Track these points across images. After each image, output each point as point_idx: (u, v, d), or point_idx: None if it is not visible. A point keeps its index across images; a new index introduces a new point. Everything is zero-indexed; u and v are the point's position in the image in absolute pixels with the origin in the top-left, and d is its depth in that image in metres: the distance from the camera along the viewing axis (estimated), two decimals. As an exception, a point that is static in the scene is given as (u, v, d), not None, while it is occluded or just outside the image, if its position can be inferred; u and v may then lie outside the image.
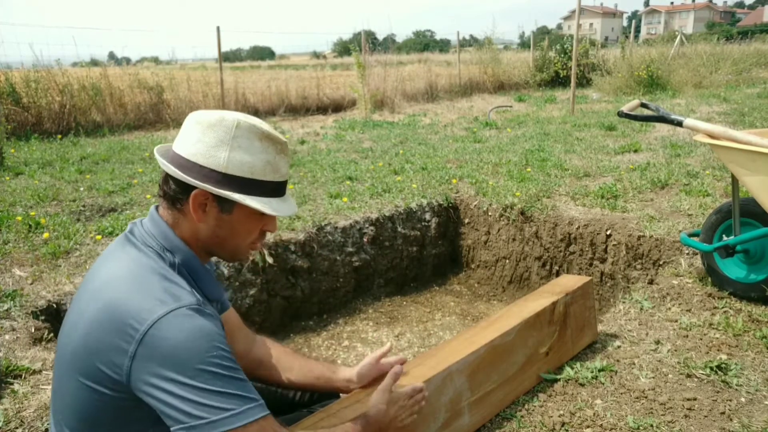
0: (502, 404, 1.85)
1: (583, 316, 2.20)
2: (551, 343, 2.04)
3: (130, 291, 1.04)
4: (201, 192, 1.11)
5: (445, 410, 1.63)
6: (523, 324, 1.91)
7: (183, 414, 0.98)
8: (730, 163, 2.31)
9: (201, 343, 1.00)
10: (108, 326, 1.02)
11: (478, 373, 1.74)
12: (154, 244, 1.13)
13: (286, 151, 1.20)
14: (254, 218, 1.17)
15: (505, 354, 1.85)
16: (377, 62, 11.72)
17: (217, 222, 1.15)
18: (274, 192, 1.18)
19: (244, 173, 1.13)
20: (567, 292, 2.12)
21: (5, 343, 2.25)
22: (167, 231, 1.15)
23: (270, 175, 1.16)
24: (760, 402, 1.84)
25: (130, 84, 9.35)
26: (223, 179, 1.11)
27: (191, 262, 1.16)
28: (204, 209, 1.14)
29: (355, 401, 1.44)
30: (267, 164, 1.15)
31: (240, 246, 1.21)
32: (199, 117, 1.15)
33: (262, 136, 1.15)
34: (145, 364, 0.99)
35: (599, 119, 7.87)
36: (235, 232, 1.18)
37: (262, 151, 1.15)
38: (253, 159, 1.13)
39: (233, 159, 1.12)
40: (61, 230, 3.46)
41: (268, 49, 62.01)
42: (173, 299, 1.03)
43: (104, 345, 1.02)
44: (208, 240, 1.17)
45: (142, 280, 1.06)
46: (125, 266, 1.09)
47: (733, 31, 38.69)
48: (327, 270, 3.70)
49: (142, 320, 0.99)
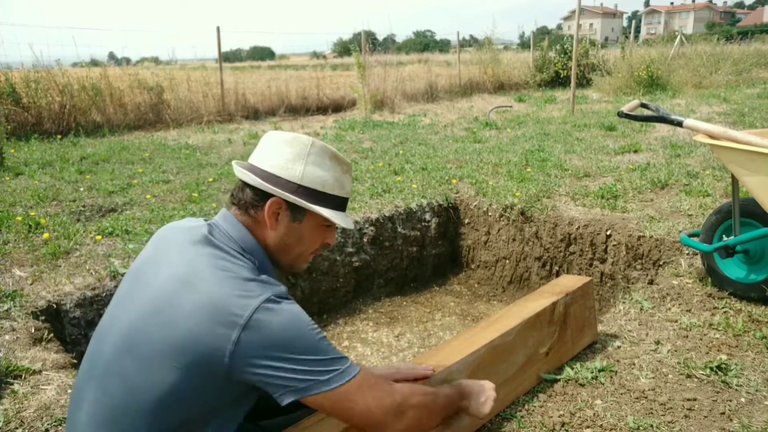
0: (501, 404, 1.85)
1: (583, 316, 2.20)
2: (551, 344, 2.04)
3: (228, 284, 1.11)
4: (276, 200, 1.22)
5: None
6: (523, 324, 1.91)
7: (296, 381, 1.09)
8: (730, 163, 2.31)
9: (299, 323, 1.12)
10: (210, 317, 1.08)
11: (478, 374, 1.74)
12: (234, 246, 1.21)
13: (350, 171, 1.34)
14: (320, 229, 1.30)
15: (505, 354, 1.85)
16: (377, 62, 11.72)
17: (287, 230, 1.26)
18: (339, 206, 1.30)
19: (317, 186, 1.25)
20: (567, 292, 2.12)
21: (5, 343, 2.25)
22: (246, 235, 1.24)
23: (338, 190, 1.29)
24: (760, 402, 1.84)
25: (130, 84, 9.34)
26: (298, 190, 1.23)
27: (266, 265, 1.26)
28: (277, 217, 1.24)
29: None
30: (336, 180, 1.29)
31: (303, 254, 1.32)
32: (277, 135, 1.29)
33: (332, 156, 1.29)
34: (252, 348, 1.07)
35: (599, 119, 7.87)
36: (301, 240, 1.28)
37: (332, 169, 1.28)
38: (325, 174, 1.27)
39: (308, 172, 1.25)
40: (61, 230, 3.46)
41: (268, 49, 62.02)
42: (268, 288, 1.13)
43: (206, 335, 1.07)
44: (275, 247, 1.27)
45: (231, 273, 1.13)
46: (215, 262, 1.15)
47: (733, 32, 38.70)
48: (327, 270, 3.70)
49: (245, 307, 1.07)
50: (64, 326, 2.64)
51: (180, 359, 1.08)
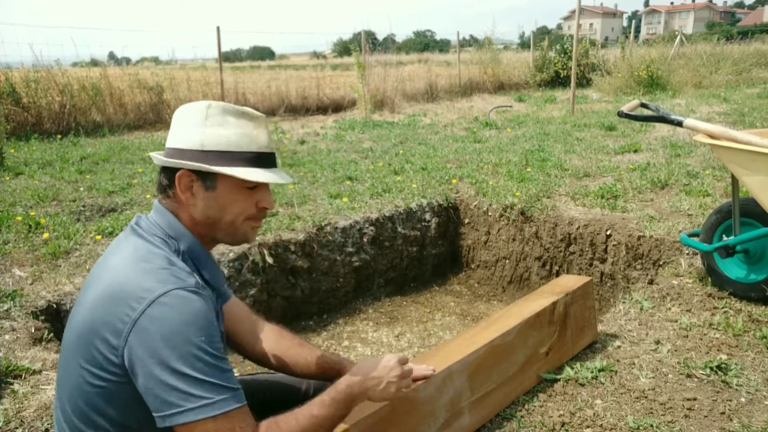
0: (502, 404, 1.85)
1: (583, 316, 2.20)
2: (551, 343, 2.04)
3: (132, 272, 1.07)
4: (184, 173, 1.15)
5: (445, 410, 1.63)
6: (524, 324, 1.91)
7: (160, 401, 1.00)
8: (730, 163, 2.31)
9: (191, 327, 1.02)
10: (108, 305, 1.05)
11: (478, 374, 1.74)
12: (159, 233, 1.16)
13: (263, 124, 1.21)
14: (242, 192, 1.18)
15: (505, 354, 1.85)
16: (377, 62, 11.72)
17: (206, 201, 1.17)
18: (256, 162, 1.18)
19: (220, 146, 1.15)
20: (567, 292, 2.12)
21: (5, 343, 2.25)
22: (171, 219, 1.18)
23: (248, 145, 1.17)
24: (760, 402, 1.84)
25: (130, 84, 9.34)
26: (201, 155, 1.14)
27: (195, 248, 1.19)
28: (191, 191, 1.16)
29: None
30: (243, 136, 1.17)
31: (235, 224, 1.20)
32: (179, 110, 1.20)
33: (236, 113, 1.18)
34: (138, 344, 1.01)
35: (599, 119, 7.87)
36: (224, 209, 1.18)
37: (236, 126, 1.17)
38: (227, 132, 1.16)
39: (208, 135, 1.15)
40: (61, 230, 3.46)
41: (268, 49, 61.98)
42: (173, 280, 1.06)
43: (103, 324, 1.04)
44: (203, 223, 1.19)
45: (144, 263, 1.09)
46: (130, 253, 1.12)
47: (733, 31, 38.67)
48: (327, 270, 3.70)
49: (141, 299, 1.02)
50: (64, 326, 2.64)
51: (85, 355, 1.07)
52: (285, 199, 4.19)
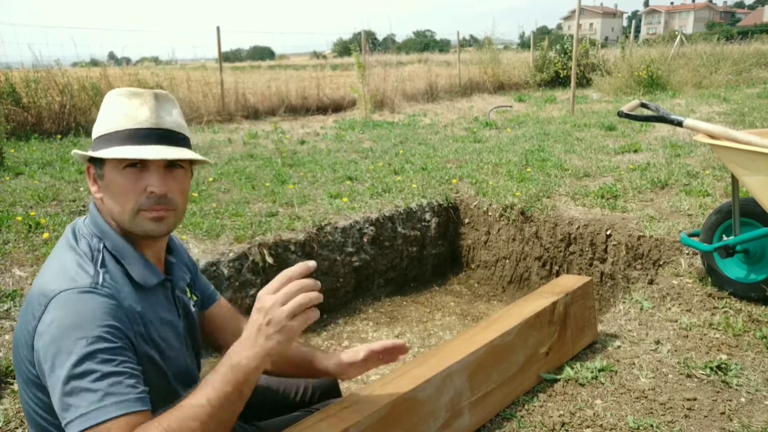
0: (501, 404, 1.85)
1: (583, 316, 2.20)
2: (551, 343, 2.04)
3: (39, 277, 1.07)
4: (88, 165, 1.15)
5: (446, 410, 1.63)
6: (524, 324, 1.91)
7: (59, 409, 0.96)
8: (730, 163, 2.31)
9: (75, 330, 0.96)
10: (22, 314, 1.06)
11: (478, 374, 1.74)
12: (86, 232, 1.13)
13: (149, 101, 1.12)
14: (125, 176, 1.09)
15: (505, 354, 1.84)
16: (377, 62, 11.72)
17: (102, 191, 1.13)
18: (132, 140, 1.09)
19: (102, 131, 1.12)
20: (567, 292, 2.12)
21: (5, 343, 2.25)
22: (96, 217, 1.15)
23: (124, 123, 1.10)
24: (760, 402, 1.84)
25: (129, 84, 9.34)
26: (93, 145, 1.13)
27: (117, 244, 1.13)
28: (96, 184, 1.14)
29: (354, 401, 1.44)
30: (123, 116, 1.11)
31: (124, 211, 1.10)
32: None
33: (130, 94, 1.12)
34: (38, 351, 0.99)
35: (599, 119, 7.87)
36: (113, 195, 1.11)
37: (123, 106, 1.11)
38: (112, 115, 1.12)
39: (97, 124, 1.13)
40: (61, 230, 3.46)
41: (268, 49, 61.99)
42: (66, 282, 1.02)
43: (21, 336, 1.05)
44: (109, 215, 1.14)
45: (51, 266, 1.08)
46: (56, 252, 1.12)
47: (733, 31, 38.69)
48: (327, 270, 3.70)
49: (38, 306, 1.01)
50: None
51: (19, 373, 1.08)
52: (285, 199, 4.20)
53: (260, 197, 4.32)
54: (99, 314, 0.99)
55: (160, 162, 1.11)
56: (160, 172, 1.11)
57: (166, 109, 1.14)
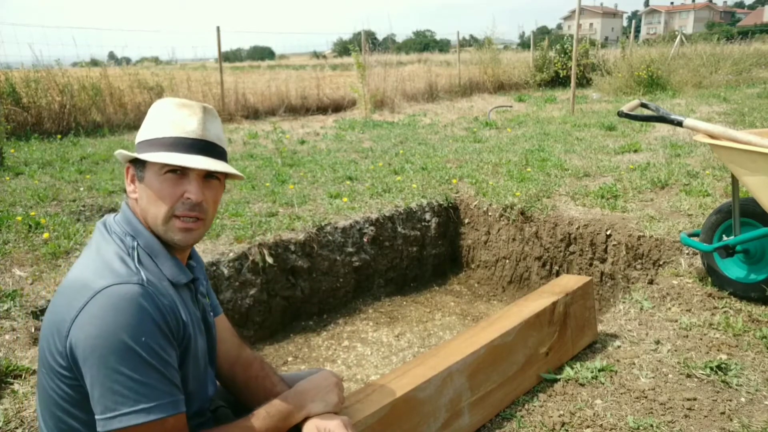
0: (501, 404, 1.85)
1: (583, 316, 2.20)
2: (551, 343, 2.04)
3: (78, 270, 1.09)
4: (128, 165, 1.19)
5: (446, 410, 1.63)
6: (524, 324, 1.91)
7: (99, 404, 0.99)
8: (730, 163, 2.31)
9: (127, 325, 0.99)
10: (56, 305, 1.06)
11: (478, 374, 1.74)
12: (118, 230, 1.15)
13: (198, 113, 1.17)
14: (166, 181, 1.13)
15: (505, 354, 1.85)
16: (377, 62, 11.72)
17: (141, 192, 1.16)
18: (177, 147, 1.13)
19: (149, 135, 1.16)
20: (567, 292, 2.12)
21: (5, 343, 2.25)
22: (130, 216, 1.17)
23: (171, 131, 1.15)
24: (760, 402, 1.84)
25: (130, 84, 9.35)
26: (138, 147, 1.18)
27: (152, 245, 1.16)
28: (134, 183, 1.18)
29: (355, 401, 1.44)
30: (171, 123, 1.15)
31: (160, 217, 1.14)
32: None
33: (180, 104, 1.18)
34: (78, 343, 0.99)
35: (599, 119, 7.87)
36: (151, 199, 1.14)
37: (171, 115, 1.16)
38: (159, 122, 1.16)
39: (143, 128, 1.18)
40: (61, 230, 3.46)
41: (268, 49, 61.92)
42: (113, 276, 1.04)
43: (52, 326, 1.05)
44: (144, 218, 1.17)
45: (92, 260, 1.09)
46: (86, 251, 1.14)
47: (733, 31, 38.70)
48: (327, 270, 3.70)
49: (79, 297, 1.02)
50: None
51: (44, 363, 1.08)
52: (285, 199, 4.20)
53: (260, 197, 4.32)
54: (147, 312, 1.02)
55: (200, 171, 1.16)
56: (198, 181, 1.16)
57: (211, 123, 1.20)
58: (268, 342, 3.39)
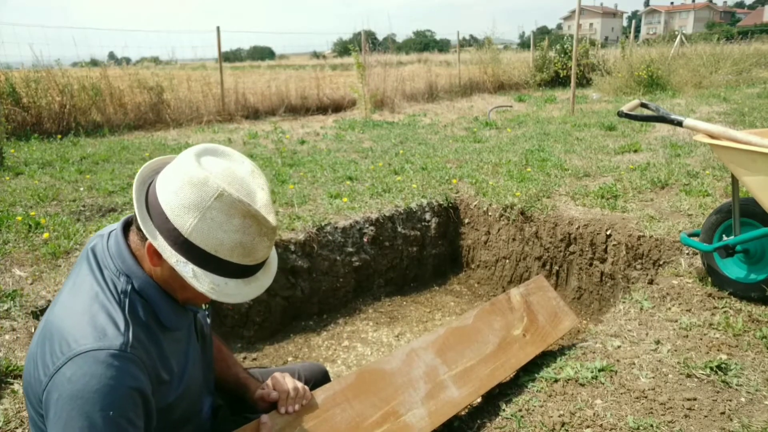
0: (492, 378, 1.99)
1: (549, 304, 2.44)
2: (524, 327, 2.27)
3: (66, 313, 1.02)
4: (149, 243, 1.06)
5: (424, 382, 1.80)
6: (480, 311, 2.18)
7: None
8: (730, 163, 2.31)
9: (98, 396, 0.94)
10: (40, 354, 1.01)
11: (447, 350, 1.95)
12: (111, 267, 1.08)
13: (270, 234, 1.10)
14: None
15: (471, 334, 2.07)
16: (377, 62, 11.72)
17: (171, 273, 1.07)
18: (236, 273, 1.08)
19: (207, 247, 1.03)
20: (519, 286, 2.43)
21: (5, 343, 2.25)
22: (125, 255, 1.08)
23: (238, 257, 1.06)
24: (760, 402, 1.84)
25: (130, 84, 9.34)
26: (184, 244, 1.03)
27: (148, 289, 1.09)
28: (159, 257, 1.06)
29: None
30: (238, 245, 1.05)
31: (189, 300, 1.14)
32: (189, 169, 1.04)
33: (247, 213, 1.04)
34: (50, 401, 0.96)
35: (599, 119, 7.87)
36: (185, 288, 1.09)
37: (237, 231, 1.04)
38: (223, 236, 1.03)
39: (199, 229, 1.02)
40: (61, 230, 3.46)
41: (268, 49, 61.91)
42: (95, 336, 0.98)
43: (35, 373, 1.01)
44: (161, 282, 1.11)
45: (81, 304, 1.02)
46: (74, 287, 1.07)
47: (733, 31, 38.71)
48: (327, 270, 3.70)
49: (62, 353, 0.97)
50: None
51: (27, 391, 1.06)
52: (285, 199, 4.20)
53: (260, 197, 4.31)
54: (122, 384, 0.97)
55: None
56: None
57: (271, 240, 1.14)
58: (268, 342, 3.39)
